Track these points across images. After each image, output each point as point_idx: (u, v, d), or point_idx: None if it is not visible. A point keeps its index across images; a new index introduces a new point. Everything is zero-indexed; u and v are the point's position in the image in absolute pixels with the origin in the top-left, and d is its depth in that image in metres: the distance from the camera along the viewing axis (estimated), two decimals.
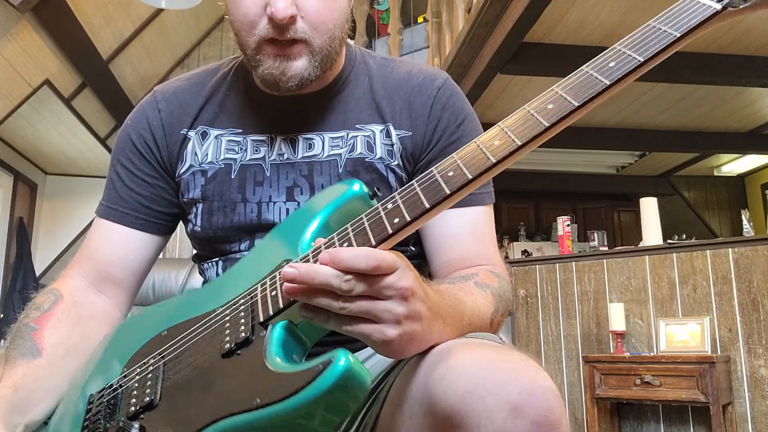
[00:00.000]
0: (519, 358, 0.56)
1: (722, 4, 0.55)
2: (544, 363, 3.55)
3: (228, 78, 0.94)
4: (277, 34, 0.78)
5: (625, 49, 0.58)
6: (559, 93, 0.58)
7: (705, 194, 7.36)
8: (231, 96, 0.92)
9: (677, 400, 2.85)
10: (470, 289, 0.75)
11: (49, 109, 4.73)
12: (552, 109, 0.58)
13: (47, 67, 4.31)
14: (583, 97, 0.56)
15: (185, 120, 0.92)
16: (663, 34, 0.57)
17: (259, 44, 0.80)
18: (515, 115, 0.60)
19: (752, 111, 5.19)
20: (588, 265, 3.46)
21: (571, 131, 5.39)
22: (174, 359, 0.70)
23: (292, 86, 0.81)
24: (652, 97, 4.80)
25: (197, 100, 0.93)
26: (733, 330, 2.95)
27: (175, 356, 0.71)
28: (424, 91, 0.89)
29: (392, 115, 0.88)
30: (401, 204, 0.59)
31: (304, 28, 0.78)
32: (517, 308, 3.72)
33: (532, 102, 0.60)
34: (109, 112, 5.36)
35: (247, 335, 0.62)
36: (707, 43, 3.93)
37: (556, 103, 0.58)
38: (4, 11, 3.60)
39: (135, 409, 0.68)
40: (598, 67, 0.58)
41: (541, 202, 7.06)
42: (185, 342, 0.71)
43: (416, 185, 0.60)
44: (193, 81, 0.96)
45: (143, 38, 5.13)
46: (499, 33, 3.57)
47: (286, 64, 0.79)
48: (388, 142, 0.87)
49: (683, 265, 3.14)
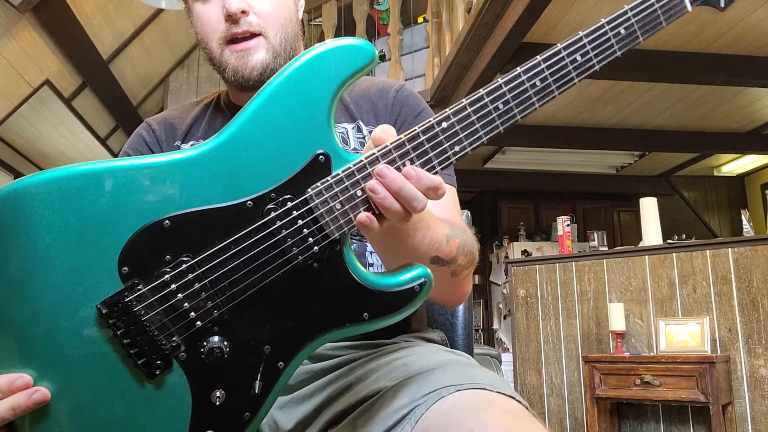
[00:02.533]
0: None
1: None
2: (544, 363, 3.55)
3: (211, 104, 1.04)
4: (235, 29, 0.90)
5: None
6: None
7: (705, 194, 7.36)
8: (216, 116, 1.02)
9: (677, 400, 2.85)
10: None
11: (49, 109, 4.74)
12: None
13: (47, 67, 4.31)
14: None
15: (177, 134, 1.00)
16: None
17: (222, 47, 0.91)
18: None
19: (752, 111, 5.19)
20: (588, 265, 3.47)
21: (571, 131, 5.41)
22: (213, 267, 0.61)
23: (257, 76, 0.91)
24: (652, 97, 4.80)
25: (185, 121, 1.02)
26: (733, 330, 2.95)
27: (213, 265, 0.61)
28: (384, 95, 1.01)
29: (360, 115, 0.98)
30: (459, 129, 0.65)
31: (258, 22, 0.91)
32: (517, 308, 3.72)
33: None
34: (109, 112, 5.36)
35: (320, 251, 0.63)
36: (707, 43, 3.93)
37: None
38: (4, 11, 3.60)
39: (203, 324, 0.61)
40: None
41: (541, 202, 7.06)
42: (221, 246, 0.62)
43: (470, 110, 0.65)
44: (179, 110, 1.06)
45: (143, 38, 5.13)
46: (499, 33, 3.57)
47: (248, 57, 0.91)
48: (360, 136, 0.96)
49: (683, 265, 3.14)
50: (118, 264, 0.61)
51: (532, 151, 6.05)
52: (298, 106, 0.64)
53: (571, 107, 4.98)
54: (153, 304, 0.61)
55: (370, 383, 0.74)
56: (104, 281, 0.61)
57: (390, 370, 0.74)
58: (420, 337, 0.93)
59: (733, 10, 3.52)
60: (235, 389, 0.62)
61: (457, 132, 0.65)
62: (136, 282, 0.61)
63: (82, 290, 0.61)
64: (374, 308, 0.63)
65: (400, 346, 0.85)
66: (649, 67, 4.05)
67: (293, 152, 0.63)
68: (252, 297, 0.62)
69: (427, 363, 0.72)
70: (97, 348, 0.61)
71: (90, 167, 0.62)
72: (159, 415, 0.62)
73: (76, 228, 0.61)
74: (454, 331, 1.16)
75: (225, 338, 0.62)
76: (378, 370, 0.76)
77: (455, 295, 0.86)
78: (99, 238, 0.61)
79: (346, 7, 5.58)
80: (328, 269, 0.63)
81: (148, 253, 0.61)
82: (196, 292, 0.61)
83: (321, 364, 0.83)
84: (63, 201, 0.60)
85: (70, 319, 0.60)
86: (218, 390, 0.62)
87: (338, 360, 0.83)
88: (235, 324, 0.62)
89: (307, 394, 0.81)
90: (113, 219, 0.61)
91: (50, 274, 0.60)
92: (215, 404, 0.62)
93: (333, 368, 0.82)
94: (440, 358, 0.74)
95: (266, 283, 0.62)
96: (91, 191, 0.61)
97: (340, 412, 0.75)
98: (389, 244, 0.73)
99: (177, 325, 0.61)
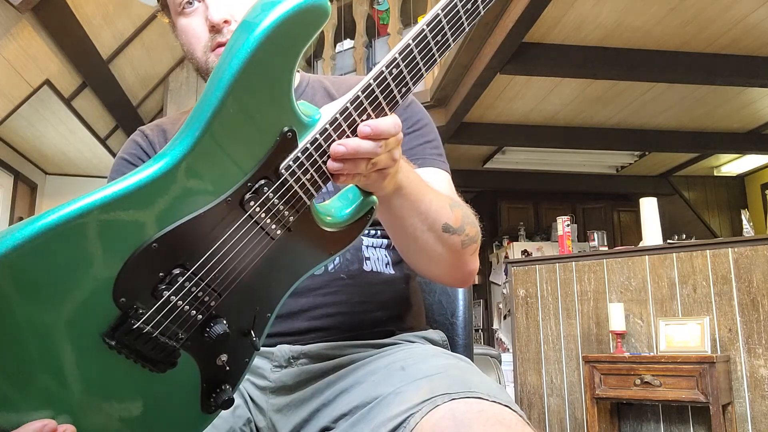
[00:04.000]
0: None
1: None
2: (544, 363, 3.55)
3: None
4: (220, 38, 0.90)
5: None
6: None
7: (705, 194, 7.36)
8: None
9: (677, 400, 2.85)
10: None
11: (49, 109, 4.74)
12: None
13: (47, 67, 4.31)
14: None
15: (168, 139, 1.00)
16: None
17: (207, 55, 0.92)
18: None
19: (752, 111, 5.19)
20: (588, 265, 3.47)
21: (571, 131, 5.41)
22: (208, 271, 0.62)
23: None
24: (652, 97, 4.80)
25: (177, 127, 1.02)
26: (733, 330, 2.95)
27: (207, 269, 0.61)
28: None
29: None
30: (404, 68, 0.65)
31: None
32: (517, 308, 3.72)
33: None
34: (109, 112, 5.36)
35: (295, 219, 0.66)
36: (707, 43, 3.93)
37: None
38: (4, 11, 3.61)
39: (204, 316, 0.62)
40: None
41: (541, 202, 7.06)
42: (212, 251, 0.61)
43: (413, 45, 0.65)
44: (171, 118, 1.08)
45: (143, 38, 5.13)
46: (499, 33, 3.57)
47: None
48: None
49: (683, 265, 3.14)
50: (114, 298, 0.59)
51: (532, 151, 6.05)
52: (260, 92, 0.60)
53: (571, 107, 4.98)
54: (159, 321, 0.61)
55: (367, 388, 0.74)
56: (105, 316, 0.59)
57: (387, 375, 0.74)
58: (420, 336, 0.93)
59: (733, 10, 3.52)
60: (234, 348, 0.67)
61: (403, 75, 0.66)
62: (136, 307, 0.59)
63: (85, 331, 0.59)
64: (336, 245, 0.71)
65: (399, 348, 0.85)
66: (649, 67, 4.05)
67: (261, 138, 0.62)
68: (243, 278, 0.65)
69: (425, 369, 0.72)
70: (110, 370, 0.61)
71: (58, 216, 0.56)
72: (174, 397, 0.66)
73: (61, 280, 0.57)
74: (454, 331, 1.16)
75: (223, 318, 0.65)
76: (376, 374, 0.76)
77: (464, 270, 0.87)
78: (87, 282, 0.58)
79: (346, 7, 5.58)
80: (301, 230, 0.67)
81: (142, 278, 0.59)
82: (196, 296, 0.62)
83: (320, 365, 0.83)
84: (39, 260, 0.55)
85: (79, 357, 0.59)
86: (222, 355, 0.66)
87: (337, 361, 0.83)
88: (230, 303, 0.65)
89: (305, 396, 0.81)
90: (98, 258, 0.58)
91: (49, 328, 0.57)
92: (220, 366, 0.66)
93: (332, 370, 0.82)
94: (438, 363, 0.74)
95: (254, 262, 0.65)
96: (67, 241, 0.56)
97: (337, 417, 0.75)
98: (399, 217, 0.77)
99: (183, 326, 0.62)
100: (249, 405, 0.84)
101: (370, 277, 0.91)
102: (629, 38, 3.84)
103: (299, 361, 0.84)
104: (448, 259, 0.83)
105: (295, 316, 0.86)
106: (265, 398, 0.84)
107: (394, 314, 0.92)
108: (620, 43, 3.89)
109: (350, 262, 0.90)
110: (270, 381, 0.84)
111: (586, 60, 3.93)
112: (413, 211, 0.77)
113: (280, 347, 0.85)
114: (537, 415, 3.53)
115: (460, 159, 6.14)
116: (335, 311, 0.87)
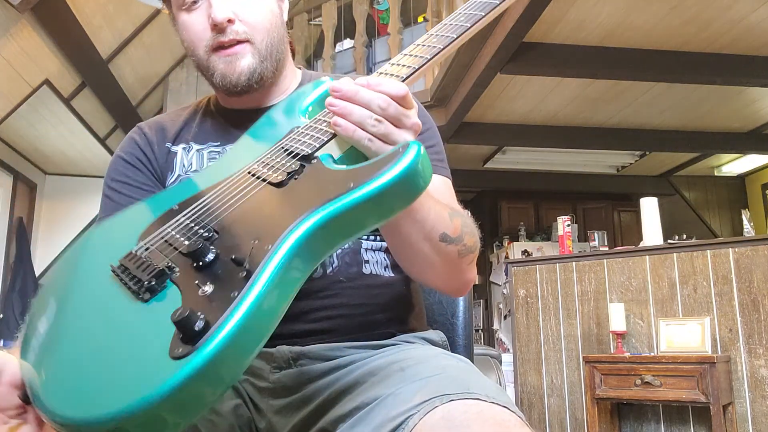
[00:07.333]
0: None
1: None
2: (544, 363, 3.55)
3: (201, 108, 1.05)
4: (222, 37, 0.90)
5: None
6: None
7: (705, 194, 7.36)
8: (206, 119, 1.03)
9: (677, 401, 2.85)
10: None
11: (48, 109, 4.74)
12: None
13: (47, 67, 4.31)
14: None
15: (168, 137, 1.01)
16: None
17: (209, 54, 0.91)
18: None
19: (752, 111, 5.18)
20: (588, 265, 3.46)
21: (571, 131, 5.41)
22: (205, 213, 0.69)
23: (244, 81, 0.91)
24: (652, 97, 4.80)
25: (176, 124, 1.03)
26: (734, 330, 2.94)
27: (204, 211, 0.69)
28: None
29: None
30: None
31: (244, 29, 0.90)
32: (517, 308, 3.72)
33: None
34: (109, 112, 5.36)
35: (296, 167, 0.68)
36: (707, 43, 3.93)
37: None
38: (4, 11, 3.60)
39: (192, 241, 0.64)
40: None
41: (541, 202, 7.05)
42: (210, 199, 0.71)
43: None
44: (171, 115, 1.07)
45: (143, 38, 5.13)
46: (499, 32, 3.57)
47: (236, 62, 0.91)
48: None
49: (683, 265, 3.13)
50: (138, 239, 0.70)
51: (532, 151, 6.04)
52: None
53: (571, 107, 4.97)
54: (152, 244, 0.67)
55: (366, 389, 0.74)
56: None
57: (386, 376, 0.74)
58: (420, 337, 0.93)
59: (733, 9, 3.52)
60: (222, 279, 0.60)
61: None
62: (143, 243, 0.68)
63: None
64: (358, 176, 0.62)
65: (399, 348, 0.84)
66: (649, 67, 4.05)
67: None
68: (236, 211, 0.67)
69: (424, 370, 0.72)
70: (100, 296, 0.67)
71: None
72: (149, 333, 0.60)
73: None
74: (454, 332, 1.15)
75: (216, 248, 0.64)
76: (375, 375, 0.76)
77: (461, 280, 0.86)
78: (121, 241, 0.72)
79: (346, 7, 5.57)
80: (310, 174, 0.68)
81: (155, 227, 0.70)
82: (188, 226, 0.68)
83: (320, 365, 0.83)
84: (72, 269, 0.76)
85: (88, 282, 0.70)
86: (206, 285, 0.60)
87: (336, 362, 0.83)
88: (225, 234, 0.65)
89: (304, 397, 0.81)
90: (125, 234, 0.73)
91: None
92: (202, 297, 0.59)
93: (331, 370, 0.82)
94: (437, 364, 0.74)
95: (251, 198, 0.68)
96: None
97: (336, 418, 0.74)
98: (395, 224, 0.76)
99: (172, 253, 0.65)
100: (249, 405, 0.84)
101: (369, 280, 0.90)
102: (630, 38, 3.84)
103: (299, 362, 0.84)
104: (444, 267, 0.83)
105: (295, 319, 0.85)
106: (265, 399, 0.84)
107: (394, 316, 0.92)
108: (621, 42, 3.88)
109: (349, 265, 0.90)
110: (269, 382, 0.84)
111: (586, 60, 3.93)
112: (410, 218, 0.76)
113: (280, 348, 0.84)
114: (537, 415, 3.53)
115: (461, 159, 6.14)
116: (335, 314, 0.87)
